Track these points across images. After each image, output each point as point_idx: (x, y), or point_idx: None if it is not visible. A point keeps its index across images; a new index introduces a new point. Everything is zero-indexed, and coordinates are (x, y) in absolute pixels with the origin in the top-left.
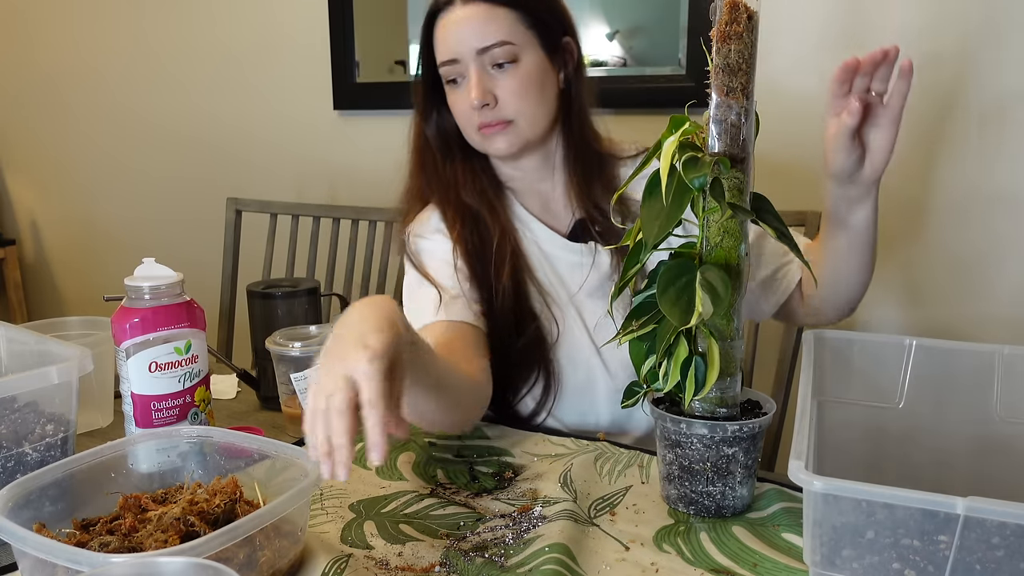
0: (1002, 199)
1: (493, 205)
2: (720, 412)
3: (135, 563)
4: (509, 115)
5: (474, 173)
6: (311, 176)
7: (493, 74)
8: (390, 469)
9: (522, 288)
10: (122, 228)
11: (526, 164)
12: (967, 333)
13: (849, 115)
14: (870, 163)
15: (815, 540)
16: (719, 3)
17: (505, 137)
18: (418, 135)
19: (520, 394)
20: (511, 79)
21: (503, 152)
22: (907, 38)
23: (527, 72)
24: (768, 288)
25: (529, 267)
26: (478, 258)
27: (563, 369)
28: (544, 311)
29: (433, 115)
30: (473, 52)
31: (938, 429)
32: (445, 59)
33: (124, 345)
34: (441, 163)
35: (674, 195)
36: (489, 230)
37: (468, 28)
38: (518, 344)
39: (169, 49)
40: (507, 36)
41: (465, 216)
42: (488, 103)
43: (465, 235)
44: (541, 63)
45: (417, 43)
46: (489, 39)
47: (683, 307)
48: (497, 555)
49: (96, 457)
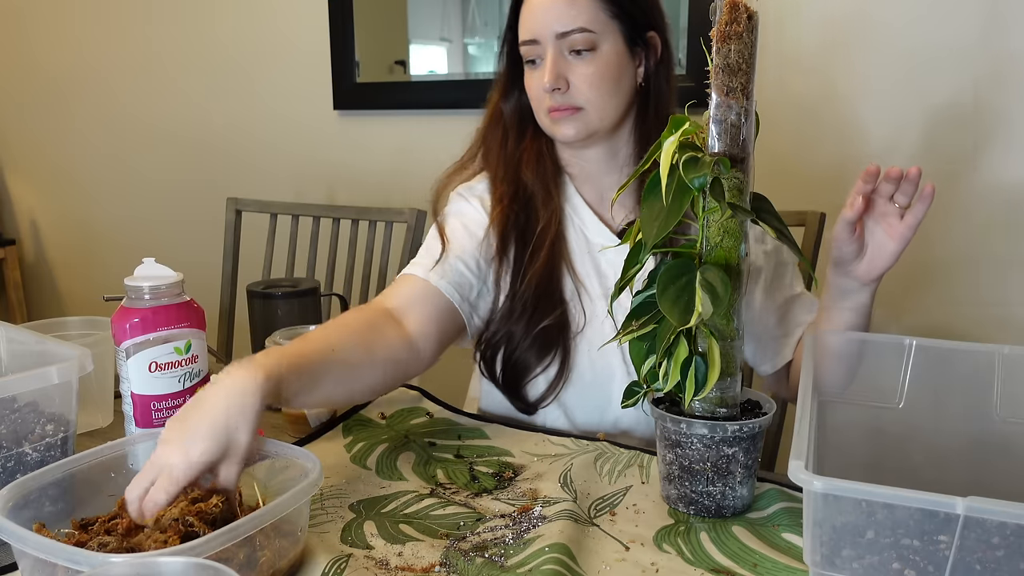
0: (1002, 199)
1: (549, 189)
2: (720, 412)
3: (135, 563)
4: (579, 102)
5: (539, 154)
6: (311, 176)
7: (569, 59)
8: (390, 469)
9: (556, 273)
10: (122, 228)
11: (591, 154)
12: (967, 333)
13: (850, 208)
14: (867, 263)
15: (815, 540)
16: (719, 3)
17: (573, 123)
18: (495, 108)
19: (532, 374)
20: (586, 67)
21: (569, 138)
22: (907, 37)
23: (603, 62)
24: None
25: (569, 254)
26: (519, 235)
27: (581, 359)
28: (575, 299)
29: (514, 93)
30: (553, 35)
31: (938, 429)
32: (525, 39)
33: (124, 345)
34: (511, 139)
35: (674, 195)
36: (537, 212)
37: (551, 11)
38: (540, 325)
39: (169, 49)
40: (588, 23)
41: (517, 192)
42: (560, 88)
43: (511, 210)
44: (620, 55)
45: (417, 43)
46: (569, 24)
47: (683, 307)
48: (497, 555)
49: (96, 457)
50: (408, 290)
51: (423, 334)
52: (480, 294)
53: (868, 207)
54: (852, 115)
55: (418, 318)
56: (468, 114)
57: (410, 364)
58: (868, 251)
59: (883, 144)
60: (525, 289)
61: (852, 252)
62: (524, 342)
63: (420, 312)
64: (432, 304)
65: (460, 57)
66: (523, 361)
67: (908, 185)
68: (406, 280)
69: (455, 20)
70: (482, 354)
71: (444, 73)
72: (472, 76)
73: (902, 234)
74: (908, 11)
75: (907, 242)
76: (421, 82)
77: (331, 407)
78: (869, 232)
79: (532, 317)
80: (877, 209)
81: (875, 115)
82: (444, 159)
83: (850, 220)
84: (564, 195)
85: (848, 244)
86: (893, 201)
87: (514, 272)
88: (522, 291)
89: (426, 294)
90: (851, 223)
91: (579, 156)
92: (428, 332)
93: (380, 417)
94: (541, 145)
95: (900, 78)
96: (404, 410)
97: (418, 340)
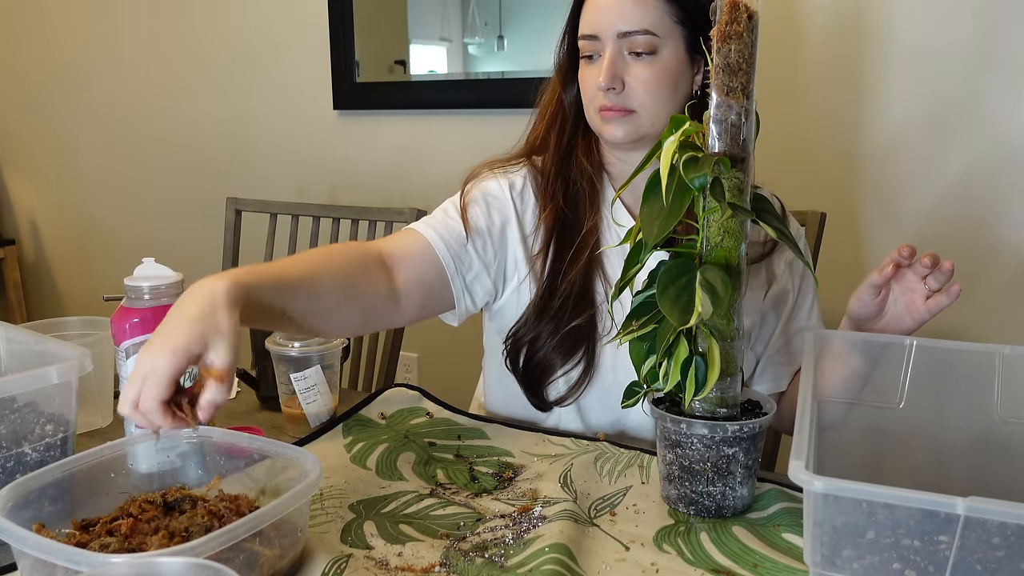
0: (1002, 198)
1: (595, 186)
2: (720, 412)
3: (135, 563)
4: (632, 104)
5: (589, 150)
6: (311, 176)
7: (628, 60)
8: (390, 469)
9: (591, 275)
10: (122, 228)
11: (635, 157)
12: (967, 333)
13: (878, 273)
14: (881, 327)
15: (815, 540)
16: (719, 3)
17: (622, 125)
18: (555, 98)
19: (556, 374)
20: (645, 70)
21: (617, 139)
22: (908, 37)
23: (663, 67)
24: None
25: (603, 256)
26: (562, 235)
27: (605, 363)
28: (604, 302)
29: (574, 85)
30: (614, 34)
31: (938, 429)
32: (586, 33)
33: (124, 345)
34: (567, 131)
35: (674, 195)
36: (582, 211)
37: (616, 9)
38: (571, 324)
39: (169, 49)
40: (652, 26)
41: (568, 191)
42: (615, 88)
43: (562, 210)
44: (680, 61)
45: (417, 43)
46: (633, 25)
47: (683, 307)
48: (497, 555)
49: (96, 457)
50: (409, 243)
51: (409, 292)
52: (478, 277)
53: (897, 277)
54: (853, 115)
55: (409, 274)
56: (468, 114)
57: (387, 315)
58: (886, 317)
59: (884, 145)
60: (565, 289)
61: (870, 314)
62: (551, 341)
63: (413, 269)
64: (427, 266)
65: (460, 57)
66: (548, 360)
67: (942, 275)
68: (411, 234)
69: (455, 20)
70: (508, 348)
71: (444, 73)
72: (472, 76)
73: (921, 315)
74: (911, 11)
75: (923, 324)
76: (421, 82)
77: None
78: (892, 300)
79: (564, 317)
80: (906, 282)
81: (876, 115)
82: (444, 159)
83: (876, 284)
84: (603, 194)
85: (869, 306)
86: (924, 281)
87: (552, 271)
88: (562, 290)
89: (424, 254)
90: (877, 287)
91: (622, 157)
92: (414, 291)
93: (380, 417)
94: (591, 141)
95: (902, 78)
96: (404, 410)
97: (403, 295)
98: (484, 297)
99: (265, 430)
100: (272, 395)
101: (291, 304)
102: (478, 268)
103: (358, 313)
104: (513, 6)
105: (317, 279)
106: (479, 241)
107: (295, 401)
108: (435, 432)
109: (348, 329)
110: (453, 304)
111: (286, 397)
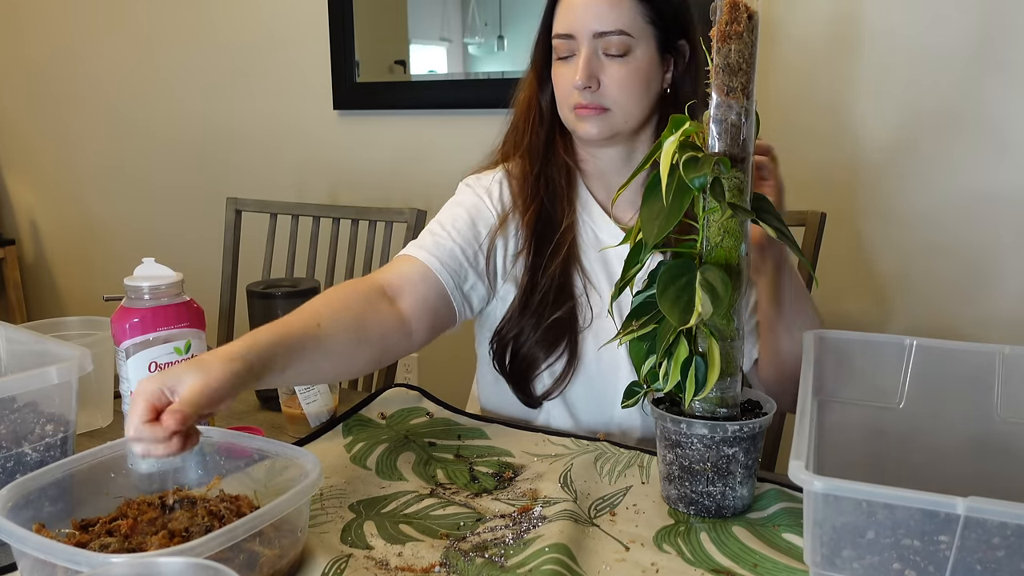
0: (1002, 198)
1: (572, 182)
2: (720, 412)
3: (135, 563)
4: (607, 103)
5: (566, 146)
6: (311, 176)
7: (603, 59)
8: (390, 469)
9: (569, 269)
10: (122, 228)
11: (608, 153)
12: (967, 333)
13: None
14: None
15: (815, 540)
16: (719, 3)
17: (597, 122)
18: (531, 98)
19: (541, 368)
20: (619, 69)
21: (592, 136)
22: (908, 37)
23: (636, 66)
24: None
25: (580, 250)
26: (543, 232)
27: (588, 355)
28: (583, 295)
29: (549, 84)
30: (590, 34)
31: (938, 429)
32: (561, 32)
33: (124, 345)
34: (544, 130)
35: (674, 195)
36: (559, 208)
37: (592, 10)
38: (551, 318)
39: (169, 49)
40: (626, 27)
41: (548, 188)
42: (591, 86)
43: (542, 208)
44: (652, 60)
45: (417, 43)
46: (609, 25)
47: (683, 307)
48: (497, 555)
49: (96, 457)
50: (407, 270)
51: (417, 317)
52: (473, 287)
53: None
54: (853, 115)
55: (414, 300)
56: (468, 114)
57: (400, 345)
58: None
59: (884, 145)
60: (545, 283)
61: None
62: (534, 335)
63: (417, 294)
64: (429, 288)
65: (460, 57)
66: (532, 355)
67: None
68: (406, 260)
69: (455, 20)
70: (494, 347)
71: (444, 73)
72: (472, 76)
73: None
74: (910, 12)
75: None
76: (421, 82)
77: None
78: None
79: (545, 311)
80: None
81: (876, 115)
82: (444, 159)
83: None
84: (576, 191)
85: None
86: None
87: (533, 267)
88: (542, 285)
89: (425, 278)
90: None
91: (595, 154)
92: (422, 315)
93: (380, 417)
94: (567, 139)
95: (902, 78)
96: (404, 410)
97: (411, 321)
98: (479, 304)
99: (265, 430)
100: (272, 395)
101: (301, 356)
102: (472, 279)
103: (373, 350)
104: (513, 6)
105: (324, 325)
106: (469, 252)
107: (295, 401)
108: (435, 432)
109: (366, 366)
110: (456, 319)
111: (286, 397)
